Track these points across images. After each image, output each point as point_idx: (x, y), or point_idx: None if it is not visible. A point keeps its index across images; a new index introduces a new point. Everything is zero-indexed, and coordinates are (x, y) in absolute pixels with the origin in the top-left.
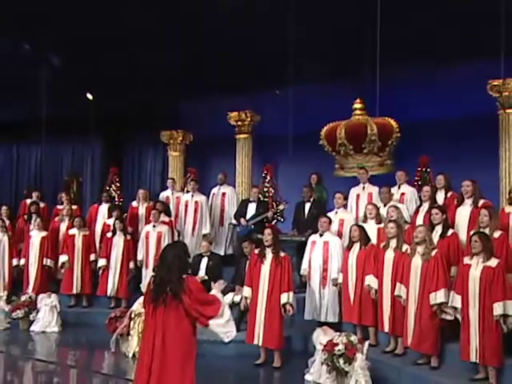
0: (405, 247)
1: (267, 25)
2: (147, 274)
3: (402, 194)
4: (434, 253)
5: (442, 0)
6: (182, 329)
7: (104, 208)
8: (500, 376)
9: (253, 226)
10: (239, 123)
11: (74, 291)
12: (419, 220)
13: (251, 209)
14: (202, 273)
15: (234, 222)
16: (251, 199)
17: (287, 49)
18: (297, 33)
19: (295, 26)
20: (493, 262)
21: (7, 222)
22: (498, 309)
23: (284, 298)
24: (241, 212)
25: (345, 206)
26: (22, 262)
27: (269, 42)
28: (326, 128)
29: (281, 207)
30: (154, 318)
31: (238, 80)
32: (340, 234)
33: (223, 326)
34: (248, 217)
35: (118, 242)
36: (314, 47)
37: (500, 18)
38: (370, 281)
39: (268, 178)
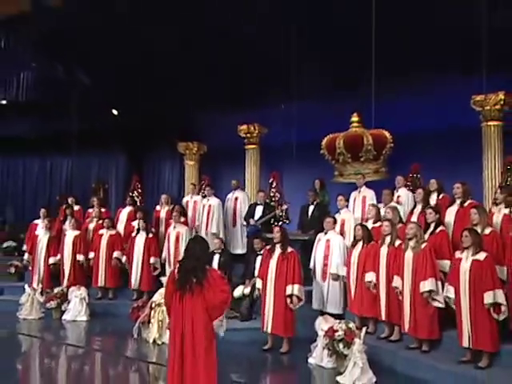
0: (397, 242)
1: (273, 49)
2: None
3: (399, 196)
4: (423, 246)
5: (428, 28)
6: (206, 312)
7: (128, 211)
8: (491, 359)
9: (260, 226)
10: (248, 135)
11: (99, 284)
12: (414, 219)
13: (258, 211)
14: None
15: (243, 223)
16: (258, 202)
17: (291, 69)
18: (299, 55)
19: (298, 49)
20: (481, 256)
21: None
22: (488, 298)
23: (289, 289)
24: (249, 214)
25: (347, 207)
26: (59, 257)
27: (275, 63)
28: (326, 139)
29: (284, 207)
30: (182, 305)
31: (247, 96)
32: (341, 233)
33: (220, 324)
34: (256, 218)
35: (140, 240)
36: (314, 67)
37: (482, 42)
38: (370, 277)
39: (274, 183)
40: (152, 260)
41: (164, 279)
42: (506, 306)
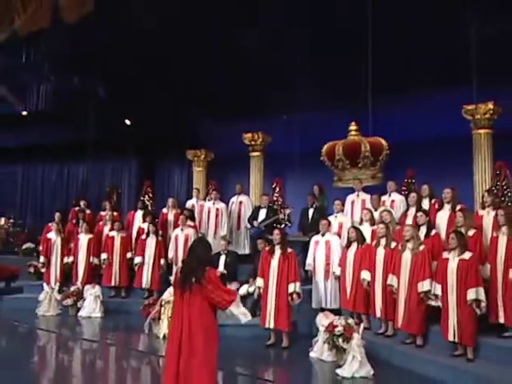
0: (393, 244)
1: (276, 63)
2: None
3: (392, 200)
4: (421, 248)
5: (422, 42)
6: (204, 311)
7: (139, 214)
8: (476, 352)
9: (263, 228)
10: (252, 143)
11: (113, 283)
12: (408, 222)
13: (262, 214)
14: (220, 268)
15: (248, 225)
16: (262, 206)
17: (293, 80)
18: (301, 69)
19: (299, 63)
20: (467, 255)
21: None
22: (471, 294)
23: (291, 287)
24: (253, 216)
25: (343, 211)
26: (71, 259)
27: (278, 76)
28: (326, 146)
29: (287, 211)
30: (182, 302)
31: (252, 107)
32: (339, 235)
33: (240, 310)
34: (259, 220)
35: (151, 242)
36: (315, 80)
37: (471, 56)
38: (365, 275)
39: (277, 189)
40: (163, 261)
41: (172, 278)
42: (485, 302)
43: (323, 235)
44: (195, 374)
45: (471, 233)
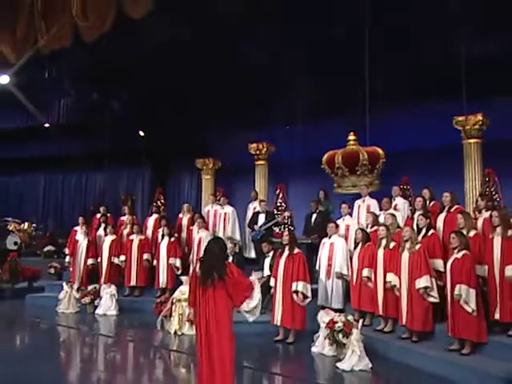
0: (392, 245)
1: (279, 77)
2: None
3: (396, 204)
4: (417, 247)
5: (416, 59)
6: (228, 305)
7: (154, 218)
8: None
9: (264, 232)
10: (258, 152)
11: (132, 283)
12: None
13: (261, 218)
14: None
15: (248, 229)
16: (260, 211)
17: (295, 94)
18: (302, 82)
19: (301, 77)
20: (459, 254)
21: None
22: (458, 290)
23: (294, 286)
24: (254, 221)
25: (350, 214)
26: (99, 260)
27: (281, 89)
28: (326, 155)
29: (286, 214)
30: (205, 298)
31: (257, 119)
32: (346, 237)
33: (250, 309)
34: (259, 224)
35: (165, 244)
36: (316, 93)
37: (462, 72)
38: (367, 272)
39: (280, 195)
40: (171, 260)
41: (184, 278)
42: (474, 301)
43: (330, 237)
44: (227, 356)
45: (472, 234)
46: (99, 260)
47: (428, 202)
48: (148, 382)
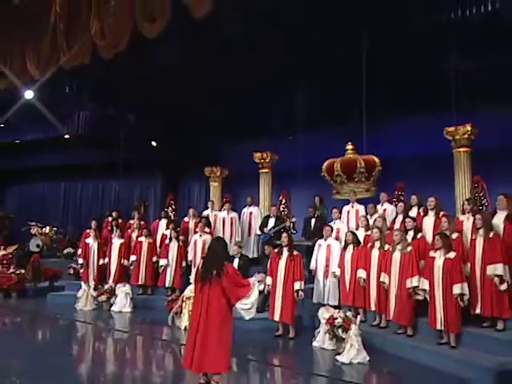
0: (386, 246)
1: (281, 91)
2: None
3: (384, 209)
4: (409, 249)
5: (409, 73)
6: (221, 301)
7: (163, 222)
8: (458, 340)
9: (272, 234)
10: (262, 161)
11: (140, 282)
12: (396, 227)
13: (271, 222)
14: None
15: (258, 232)
16: (271, 215)
17: (297, 107)
18: (303, 95)
19: (302, 90)
20: (452, 255)
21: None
22: (456, 289)
23: (297, 285)
24: (264, 224)
25: (339, 218)
26: (106, 260)
27: (284, 102)
28: (326, 163)
29: (293, 219)
30: (201, 294)
31: (261, 130)
32: (337, 238)
33: (246, 307)
34: (269, 227)
35: (173, 246)
36: (316, 105)
37: (452, 85)
38: (361, 273)
39: (283, 200)
40: (183, 263)
41: (192, 277)
42: (468, 296)
43: (325, 240)
44: (210, 347)
45: (454, 236)
46: (106, 260)
47: (417, 207)
48: (159, 374)
